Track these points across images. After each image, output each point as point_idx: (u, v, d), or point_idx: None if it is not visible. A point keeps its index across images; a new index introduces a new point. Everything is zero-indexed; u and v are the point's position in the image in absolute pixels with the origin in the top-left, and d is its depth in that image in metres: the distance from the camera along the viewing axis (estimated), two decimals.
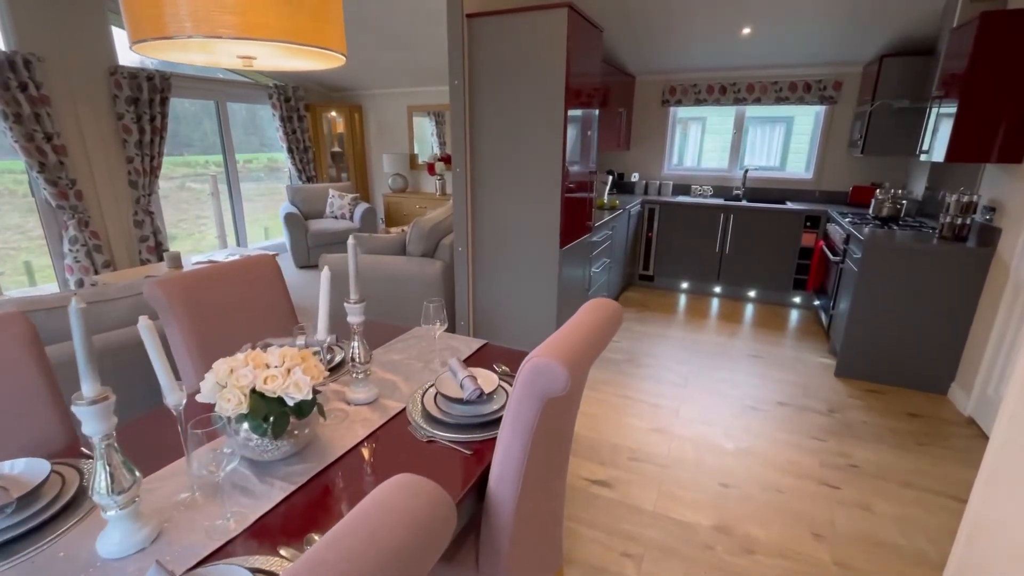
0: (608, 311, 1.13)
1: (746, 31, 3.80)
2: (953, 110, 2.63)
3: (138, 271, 3.80)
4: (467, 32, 2.60)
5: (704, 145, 5.28)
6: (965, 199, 2.79)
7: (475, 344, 1.66)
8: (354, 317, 1.23)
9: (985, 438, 2.46)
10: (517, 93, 2.58)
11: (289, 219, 5.41)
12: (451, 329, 3.25)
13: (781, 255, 4.32)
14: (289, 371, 1.00)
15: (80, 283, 4.20)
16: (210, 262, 4.05)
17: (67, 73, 3.98)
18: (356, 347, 1.25)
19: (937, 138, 2.85)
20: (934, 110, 2.94)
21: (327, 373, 1.12)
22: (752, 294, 4.58)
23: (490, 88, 2.63)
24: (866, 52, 3.94)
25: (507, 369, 1.45)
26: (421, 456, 1.09)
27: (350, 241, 1.18)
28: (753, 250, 4.41)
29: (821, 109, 4.49)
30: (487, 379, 1.28)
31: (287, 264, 5.67)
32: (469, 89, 2.68)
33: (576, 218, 2.94)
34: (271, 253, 3.94)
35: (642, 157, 5.25)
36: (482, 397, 1.17)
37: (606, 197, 4.49)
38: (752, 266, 4.45)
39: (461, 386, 1.21)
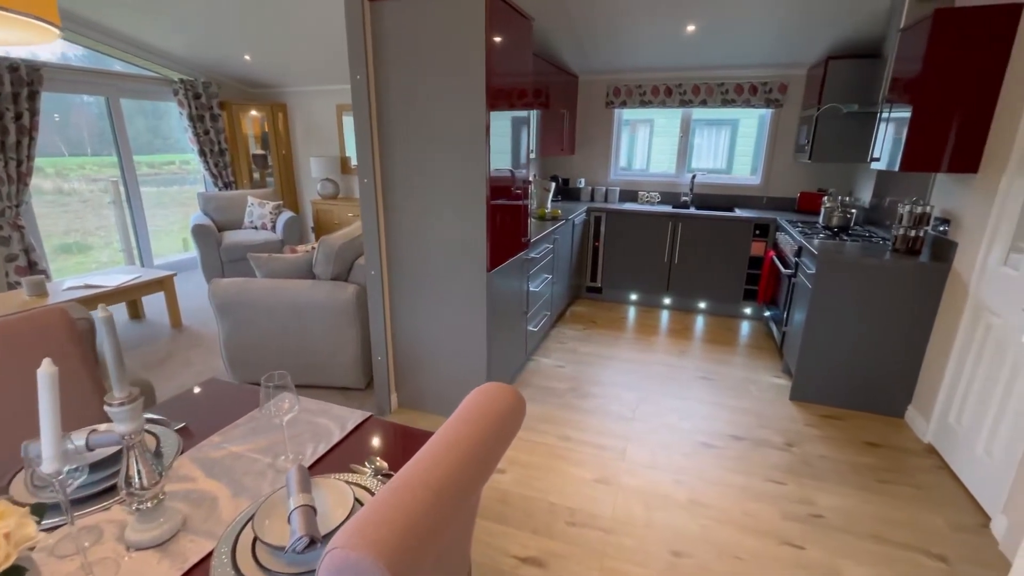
0: (499, 411, 0.76)
1: (690, 28, 3.56)
2: (906, 115, 2.44)
3: None
4: (370, 17, 2.19)
5: (653, 148, 5.07)
6: (918, 210, 2.62)
7: (351, 421, 1.26)
8: (124, 424, 0.81)
9: (948, 470, 2.28)
10: (432, 91, 2.19)
11: (199, 231, 4.79)
12: (368, 365, 2.82)
13: (730, 265, 4.13)
14: None
15: None
16: (86, 286, 3.44)
17: None
18: (133, 466, 0.83)
19: (889, 145, 2.67)
20: (884, 116, 2.76)
21: (38, 536, 0.70)
22: (702, 305, 4.38)
23: (401, 84, 2.23)
24: (811, 53, 3.79)
25: (384, 466, 1.07)
26: None
27: (98, 315, 0.76)
28: (702, 260, 4.20)
29: (767, 112, 4.34)
30: (337, 498, 0.89)
31: (198, 283, 5.04)
32: (376, 85, 2.27)
33: (509, 234, 2.58)
34: (170, 273, 3.32)
35: (588, 162, 4.97)
36: (314, 546, 0.78)
37: (549, 205, 4.16)
38: (701, 276, 4.24)
39: (289, 521, 0.81)
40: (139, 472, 0.84)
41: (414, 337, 2.60)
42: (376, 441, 1.20)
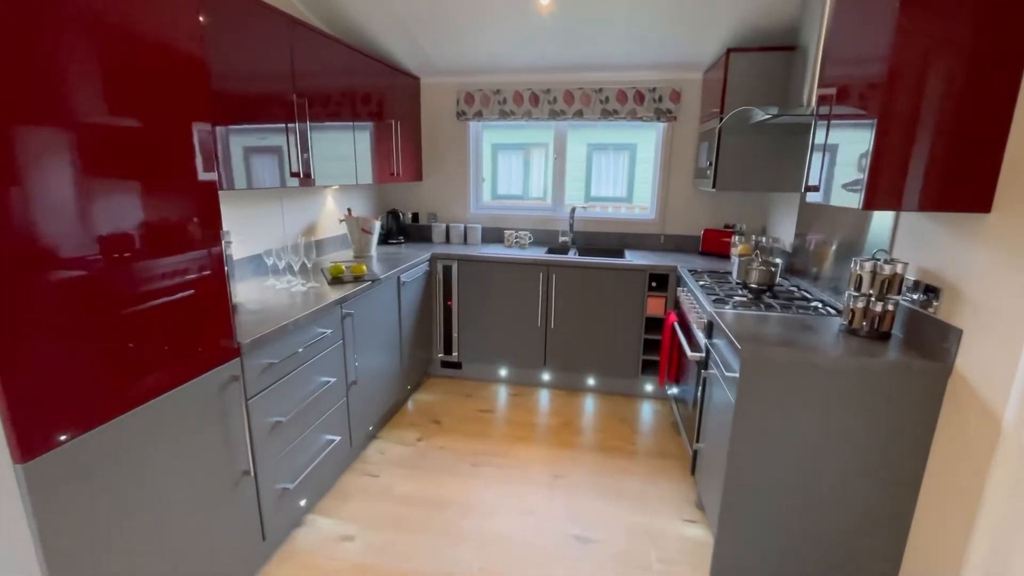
0: None
1: (543, 2, 2.48)
2: (865, 128, 1.43)
3: None
4: None
5: (548, 176, 3.98)
6: (886, 270, 1.63)
7: None
8: None
9: None
10: None
11: None
12: None
13: (622, 330, 3.05)
14: None
15: None
16: None
17: None
18: None
19: (834, 170, 1.67)
20: (821, 128, 1.76)
21: None
22: (591, 382, 3.25)
23: None
24: (706, 49, 2.87)
25: None
26: None
27: None
28: (585, 323, 3.08)
29: (660, 128, 3.39)
30: None
31: None
32: None
33: (147, 350, 1.24)
34: None
35: (441, 191, 3.76)
36: None
37: (374, 252, 2.88)
38: (586, 345, 3.12)
39: None
40: None
41: None
42: None
